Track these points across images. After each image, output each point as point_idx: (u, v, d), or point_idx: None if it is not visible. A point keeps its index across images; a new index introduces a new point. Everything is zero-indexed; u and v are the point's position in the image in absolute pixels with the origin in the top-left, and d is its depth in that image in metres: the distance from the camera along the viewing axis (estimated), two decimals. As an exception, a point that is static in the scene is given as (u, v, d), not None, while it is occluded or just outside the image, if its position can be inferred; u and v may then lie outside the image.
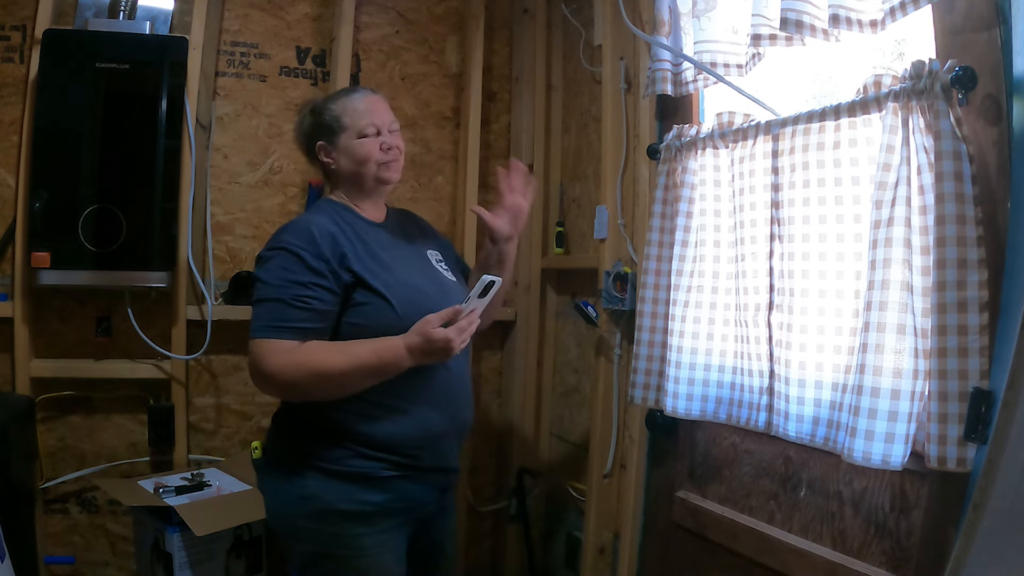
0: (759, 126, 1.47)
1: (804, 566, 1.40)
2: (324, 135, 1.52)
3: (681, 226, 1.65)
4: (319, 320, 1.36)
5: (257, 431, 2.34)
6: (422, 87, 2.54)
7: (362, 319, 1.38)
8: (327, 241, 1.38)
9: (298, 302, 1.34)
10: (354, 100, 1.52)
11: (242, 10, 2.33)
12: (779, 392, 1.40)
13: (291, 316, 1.33)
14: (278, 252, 1.38)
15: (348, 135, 1.49)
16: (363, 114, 1.50)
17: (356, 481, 1.38)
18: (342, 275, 1.37)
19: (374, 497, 1.38)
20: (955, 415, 1.09)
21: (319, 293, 1.35)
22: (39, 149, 1.97)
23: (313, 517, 1.38)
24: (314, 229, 1.39)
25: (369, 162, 1.49)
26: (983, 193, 1.10)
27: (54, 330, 2.13)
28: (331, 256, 1.37)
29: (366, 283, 1.38)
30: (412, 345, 1.32)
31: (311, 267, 1.35)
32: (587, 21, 2.28)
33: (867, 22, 1.24)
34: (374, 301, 1.38)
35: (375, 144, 1.49)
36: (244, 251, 2.33)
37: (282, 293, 1.34)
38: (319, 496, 1.37)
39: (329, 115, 1.51)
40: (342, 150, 1.50)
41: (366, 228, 1.49)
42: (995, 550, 0.92)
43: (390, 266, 1.44)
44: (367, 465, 1.38)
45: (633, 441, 1.93)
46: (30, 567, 1.91)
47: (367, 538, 1.39)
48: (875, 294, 1.18)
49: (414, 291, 1.43)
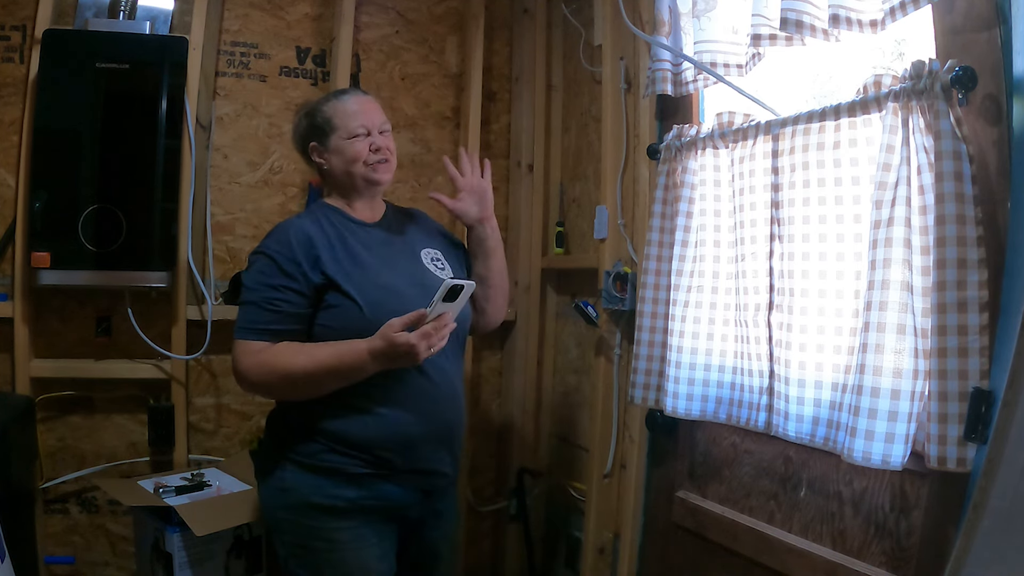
0: (759, 126, 1.47)
1: (804, 566, 1.40)
2: (316, 136, 1.55)
3: (681, 226, 1.65)
4: (289, 322, 1.41)
5: (257, 431, 2.34)
6: (422, 87, 2.54)
7: (332, 320, 1.42)
8: (302, 244, 1.42)
9: (269, 305, 1.40)
10: (344, 101, 1.54)
11: (242, 10, 2.33)
12: (779, 392, 1.40)
13: (262, 319, 1.40)
14: (259, 256, 1.45)
15: (338, 136, 1.52)
16: (353, 115, 1.52)
17: (329, 475, 1.41)
18: (312, 277, 1.41)
19: (347, 492, 1.41)
20: (955, 415, 1.09)
21: (288, 296, 1.40)
22: (39, 149, 1.97)
23: (291, 509, 1.43)
24: (291, 232, 1.44)
25: (358, 162, 1.51)
26: (983, 193, 1.10)
27: (54, 330, 2.13)
28: (303, 259, 1.41)
29: (337, 285, 1.41)
30: (375, 349, 1.33)
31: (283, 270, 1.40)
32: (587, 21, 2.28)
33: (867, 22, 1.24)
34: (344, 303, 1.41)
35: (365, 144, 1.51)
36: (244, 251, 2.32)
37: (256, 296, 1.41)
38: (295, 488, 1.43)
39: (320, 117, 1.54)
40: (333, 150, 1.53)
41: (354, 229, 1.51)
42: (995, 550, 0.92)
43: (369, 267, 1.46)
44: (339, 460, 1.41)
45: (633, 441, 1.93)
46: (30, 567, 1.91)
47: (343, 532, 1.42)
48: (875, 294, 1.18)
49: (388, 293, 1.43)
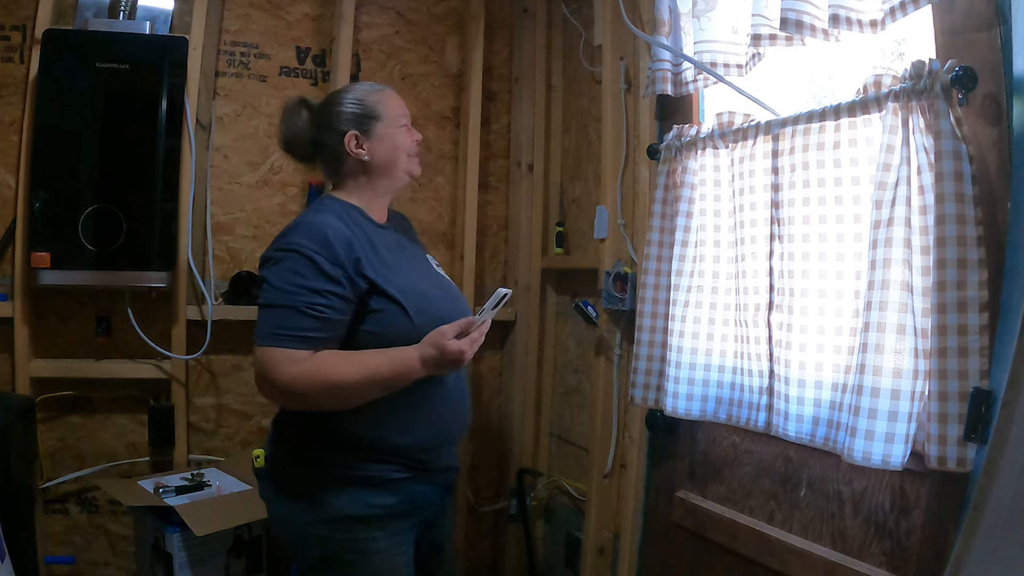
0: (759, 126, 1.47)
1: (804, 566, 1.40)
2: (357, 124, 1.44)
3: (681, 226, 1.65)
4: (331, 330, 1.31)
5: (257, 431, 2.34)
6: (422, 87, 2.54)
7: (378, 327, 1.34)
8: (343, 246, 1.31)
9: (311, 310, 1.27)
10: (385, 92, 1.50)
11: (242, 10, 2.33)
12: (779, 392, 1.40)
13: (303, 325, 1.27)
14: (288, 254, 1.30)
15: (385, 124, 1.45)
16: (397, 105, 1.49)
17: (366, 485, 1.35)
18: (358, 283, 1.32)
19: (385, 500, 1.36)
20: (955, 415, 1.09)
21: (333, 302, 1.29)
22: (39, 149, 1.97)
23: (323, 523, 1.35)
24: (329, 232, 1.31)
25: (402, 152, 1.47)
26: (983, 193, 1.10)
27: (54, 330, 2.13)
28: (347, 262, 1.31)
29: (381, 290, 1.34)
30: (426, 357, 1.29)
31: (326, 274, 1.29)
32: (587, 21, 2.28)
33: (867, 22, 1.24)
34: (390, 308, 1.35)
35: (410, 135, 1.49)
36: (244, 251, 2.33)
37: (293, 300, 1.27)
38: (329, 502, 1.34)
39: (362, 105, 1.46)
40: (379, 138, 1.44)
41: (374, 230, 1.43)
42: (995, 550, 0.92)
43: (399, 269, 1.40)
44: (377, 468, 1.36)
45: (633, 441, 1.93)
46: (30, 567, 1.91)
47: (379, 541, 1.37)
48: (875, 294, 1.18)
49: (425, 298, 1.40)
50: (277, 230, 2.32)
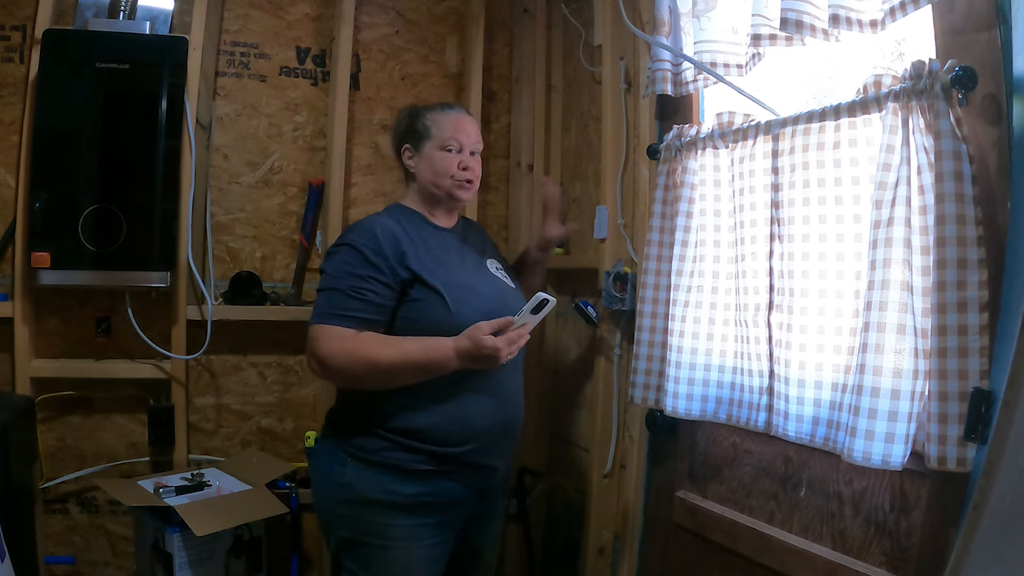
0: (759, 126, 1.47)
1: (804, 566, 1.40)
2: (411, 139, 1.63)
3: (681, 226, 1.65)
4: (374, 312, 1.45)
5: (257, 431, 2.34)
6: (422, 87, 2.53)
7: (416, 314, 1.47)
8: (388, 240, 1.47)
9: (355, 293, 1.43)
10: (447, 113, 1.62)
11: (242, 10, 2.33)
12: (779, 392, 1.40)
13: (347, 305, 1.43)
14: (341, 248, 1.49)
15: (432, 144, 1.59)
16: (450, 128, 1.59)
17: (389, 471, 1.45)
18: (399, 272, 1.46)
19: (406, 489, 1.45)
20: (955, 415, 1.09)
21: (375, 286, 1.44)
22: (39, 149, 1.97)
23: (348, 504, 1.46)
24: (377, 228, 1.50)
25: (444, 176, 1.58)
26: (983, 193, 1.10)
27: (54, 330, 2.13)
28: (391, 253, 1.46)
29: (423, 280, 1.47)
30: (461, 348, 1.39)
31: (369, 262, 1.45)
32: (587, 21, 2.28)
33: (867, 22, 1.24)
34: (428, 297, 1.47)
35: (455, 160, 1.58)
36: (244, 251, 2.33)
37: (341, 284, 1.44)
38: (354, 484, 1.46)
39: (420, 122, 1.61)
40: (424, 156, 1.61)
41: (431, 231, 1.59)
42: (995, 550, 0.92)
43: (449, 266, 1.51)
44: (401, 457, 1.45)
45: (633, 441, 1.93)
46: (30, 567, 1.91)
47: (397, 529, 1.45)
48: (875, 294, 1.18)
49: (469, 291, 1.50)
50: (277, 230, 2.35)
